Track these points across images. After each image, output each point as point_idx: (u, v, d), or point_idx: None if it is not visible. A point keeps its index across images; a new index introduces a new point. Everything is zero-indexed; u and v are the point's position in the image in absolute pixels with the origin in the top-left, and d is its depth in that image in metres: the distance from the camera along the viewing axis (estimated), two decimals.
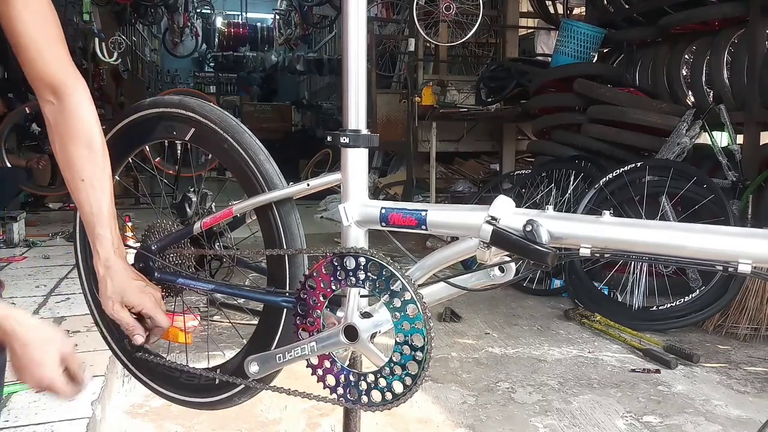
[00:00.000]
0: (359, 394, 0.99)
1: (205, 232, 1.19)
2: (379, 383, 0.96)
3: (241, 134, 1.15)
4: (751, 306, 2.79)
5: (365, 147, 1.04)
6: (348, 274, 0.96)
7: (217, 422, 1.89)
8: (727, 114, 3.27)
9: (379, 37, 7.55)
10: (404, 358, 0.93)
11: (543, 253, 0.83)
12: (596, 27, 4.32)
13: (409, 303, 0.91)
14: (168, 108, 1.21)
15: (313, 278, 0.99)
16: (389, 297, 0.92)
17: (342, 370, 1.01)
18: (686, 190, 3.04)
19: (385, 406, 0.96)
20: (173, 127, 1.20)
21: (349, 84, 1.04)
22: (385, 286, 0.92)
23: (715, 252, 0.77)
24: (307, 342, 1.01)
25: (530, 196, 3.90)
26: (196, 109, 1.18)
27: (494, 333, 2.85)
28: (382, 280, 0.92)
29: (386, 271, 0.92)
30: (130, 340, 1.03)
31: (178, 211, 1.22)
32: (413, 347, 0.92)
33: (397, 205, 1.01)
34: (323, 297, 1.00)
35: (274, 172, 1.14)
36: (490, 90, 5.24)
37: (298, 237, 1.12)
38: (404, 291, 0.91)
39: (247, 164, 1.13)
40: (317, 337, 1.01)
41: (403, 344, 0.92)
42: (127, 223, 3.59)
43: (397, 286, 0.91)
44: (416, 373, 0.92)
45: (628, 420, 1.99)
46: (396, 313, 0.92)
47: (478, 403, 2.09)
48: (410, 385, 0.93)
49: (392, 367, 0.94)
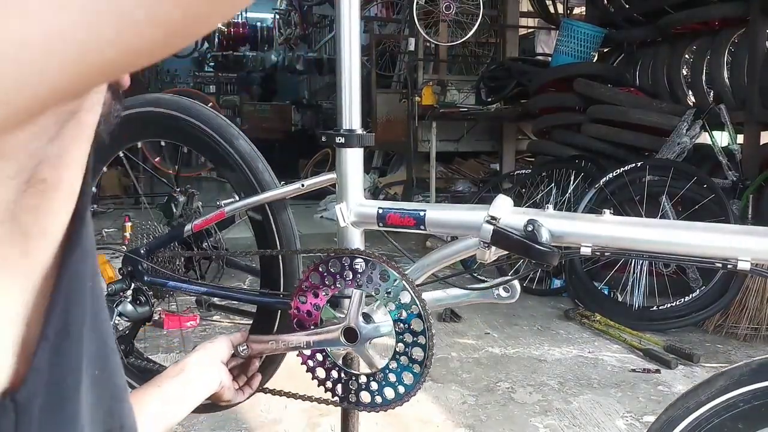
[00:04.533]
0: (357, 395, 0.98)
1: (195, 235, 1.18)
2: (378, 385, 0.96)
3: (230, 134, 1.14)
4: (751, 306, 2.79)
5: (360, 146, 1.04)
6: (345, 275, 0.95)
7: (217, 422, 1.89)
8: (728, 114, 3.27)
9: (379, 37, 7.54)
10: (405, 361, 0.92)
11: (545, 252, 0.83)
12: (596, 27, 4.31)
13: (410, 306, 0.90)
14: (154, 107, 1.19)
15: (308, 281, 0.98)
16: (389, 299, 0.91)
17: (340, 371, 1.00)
18: (686, 190, 3.03)
19: (384, 407, 0.95)
20: (162, 127, 1.19)
21: (343, 83, 1.04)
22: (384, 288, 0.92)
23: (715, 249, 0.77)
24: (303, 337, 1.00)
25: (530, 196, 3.90)
26: (183, 109, 1.16)
27: (494, 333, 2.84)
28: (382, 282, 0.92)
29: (385, 273, 0.91)
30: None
31: (164, 212, 1.21)
32: (414, 347, 0.91)
33: (394, 204, 1.00)
34: (322, 296, 0.99)
35: (266, 172, 1.13)
36: (490, 90, 5.23)
37: (292, 238, 1.11)
38: (404, 293, 0.90)
39: (238, 164, 1.12)
40: (316, 331, 1.00)
41: (402, 353, 0.92)
42: (126, 223, 3.58)
43: (398, 288, 0.91)
44: (419, 372, 0.91)
45: (628, 420, 1.98)
46: (397, 318, 0.91)
47: (478, 403, 2.09)
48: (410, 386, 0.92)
49: (392, 368, 0.93)
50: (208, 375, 0.94)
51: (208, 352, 0.95)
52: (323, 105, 12.55)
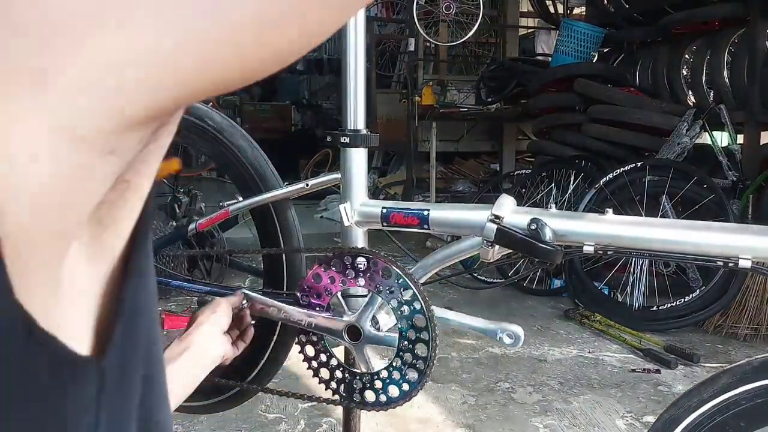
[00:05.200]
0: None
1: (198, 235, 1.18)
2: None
3: (234, 133, 1.14)
4: (751, 306, 2.79)
5: (365, 147, 1.04)
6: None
7: (217, 422, 1.89)
8: (727, 114, 3.27)
9: (379, 37, 7.54)
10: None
11: (549, 250, 0.83)
12: (596, 27, 4.31)
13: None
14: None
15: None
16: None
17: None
18: (686, 190, 3.04)
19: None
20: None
21: (348, 84, 1.04)
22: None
23: (717, 248, 0.77)
24: (306, 316, 0.99)
25: (530, 196, 3.90)
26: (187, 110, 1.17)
27: None
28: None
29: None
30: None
31: (167, 213, 1.22)
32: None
33: (398, 204, 1.01)
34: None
35: (270, 172, 1.13)
36: (490, 90, 5.24)
37: (296, 237, 1.12)
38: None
39: (243, 164, 1.13)
40: (322, 316, 0.99)
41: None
42: None
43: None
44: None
45: (628, 420, 1.98)
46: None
47: (478, 403, 2.09)
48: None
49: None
50: (213, 351, 0.91)
51: (211, 325, 0.92)
52: (323, 105, 12.54)
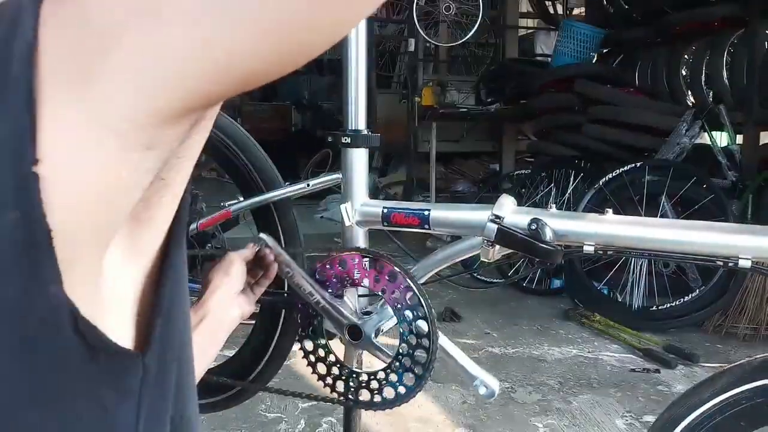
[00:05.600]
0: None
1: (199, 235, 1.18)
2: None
3: (235, 133, 1.14)
4: (750, 306, 2.79)
5: (366, 147, 1.04)
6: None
7: (217, 422, 1.89)
8: (727, 114, 3.27)
9: (379, 37, 7.54)
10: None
11: (549, 250, 0.83)
12: (596, 27, 4.32)
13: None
14: None
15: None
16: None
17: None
18: (686, 190, 3.04)
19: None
20: None
21: (349, 84, 1.04)
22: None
23: (717, 248, 0.78)
24: (319, 290, 0.98)
25: (530, 196, 3.90)
26: None
27: (494, 333, 2.85)
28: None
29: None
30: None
31: None
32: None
33: (399, 204, 1.01)
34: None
35: (271, 172, 1.13)
36: (490, 90, 5.24)
37: (297, 238, 1.12)
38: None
39: (243, 164, 1.12)
40: (334, 299, 0.98)
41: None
42: None
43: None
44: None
45: (628, 420, 1.99)
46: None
47: (478, 403, 2.09)
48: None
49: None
50: (231, 313, 0.87)
51: (227, 289, 0.87)
52: (323, 105, 12.53)
